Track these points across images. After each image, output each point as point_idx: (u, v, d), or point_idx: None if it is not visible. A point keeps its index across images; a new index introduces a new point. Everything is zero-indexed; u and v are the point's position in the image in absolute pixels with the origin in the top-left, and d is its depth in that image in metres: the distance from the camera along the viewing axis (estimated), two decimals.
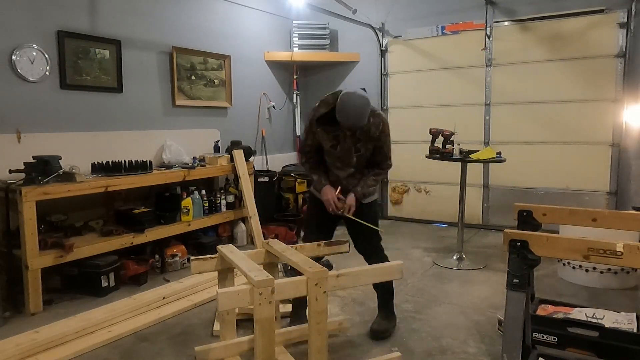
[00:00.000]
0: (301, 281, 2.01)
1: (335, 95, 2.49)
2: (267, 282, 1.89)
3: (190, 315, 3.03)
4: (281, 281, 1.99)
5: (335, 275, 2.08)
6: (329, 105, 2.50)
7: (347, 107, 2.37)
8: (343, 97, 2.39)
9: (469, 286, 3.55)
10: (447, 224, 5.46)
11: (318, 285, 1.99)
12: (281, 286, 1.96)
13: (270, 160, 5.74)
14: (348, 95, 2.39)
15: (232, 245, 2.51)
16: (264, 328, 1.90)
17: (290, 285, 2.01)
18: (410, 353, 2.53)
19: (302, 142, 2.70)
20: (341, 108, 2.38)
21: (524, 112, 5.07)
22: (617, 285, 3.43)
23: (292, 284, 2.01)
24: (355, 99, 2.37)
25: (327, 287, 2.02)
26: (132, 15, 4.15)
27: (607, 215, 2.43)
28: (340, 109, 2.39)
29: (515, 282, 2.00)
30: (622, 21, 4.50)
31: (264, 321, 1.89)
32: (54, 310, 3.08)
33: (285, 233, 4.70)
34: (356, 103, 2.37)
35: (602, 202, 4.74)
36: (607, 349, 2.19)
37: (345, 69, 6.08)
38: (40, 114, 3.53)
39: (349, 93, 2.40)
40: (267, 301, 1.88)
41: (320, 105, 2.55)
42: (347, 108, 2.37)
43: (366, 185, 2.64)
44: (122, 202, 3.96)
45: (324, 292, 2.01)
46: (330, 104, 2.49)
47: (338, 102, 2.41)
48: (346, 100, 2.38)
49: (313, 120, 2.58)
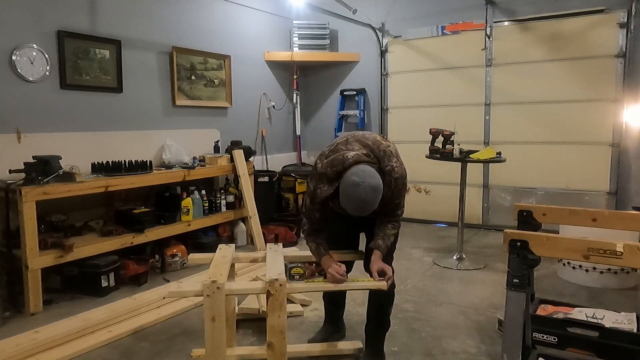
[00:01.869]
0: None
1: (337, 169, 2.01)
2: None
3: (190, 315, 3.03)
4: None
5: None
6: (331, 181, 2.05)
7: (354, 202, 1.92)
8: (348, 188, 1.91)
9: (469, 286, 3.55)
10: (447, 224, 5.46)
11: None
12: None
13: (270, 160, 5.74)
14: (355, 186, 1.89)
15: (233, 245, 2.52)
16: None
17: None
18: (410, 353, 2.53)
19: (309, 207, 2.19)
20: (346, 201, 1.94)
21: (524, 112, 5.07)
22: (617, 285, 3.43)
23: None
24: (365, 192, 1.88)
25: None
26: (132, 15, 4.15)
27: (607, 215, 2.43)
28: (345, 202, 1.94)
29: (515, 282, 2.00)
30: (622, 21, 4.50)
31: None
32: (54, 310, 3.08)
33: (285, 233, 4.70)
34: (366, 197, 1.88)
35: (602, 202, 4.74)
36: (607, 349, 2.19)
37: (345, 69, 6.09)
38: (40, 114, 3.53)
39: (356, 184, 1.88)
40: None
41: (321, 179, 2.08)
42: (354, 203, 1.92)
43: (386, 236, 2.19)
44: (122, 202, 3.96)
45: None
46: (332, 180, 2.04)
47: (342, 189, 1.95)
48: (352, 195, 1.90)
49: (317, 198, 2.11)
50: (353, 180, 1.90)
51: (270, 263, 2.25)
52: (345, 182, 1.94)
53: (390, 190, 2.08)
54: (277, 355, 2.01)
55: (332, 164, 2.05)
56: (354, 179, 1.90)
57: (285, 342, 2.03)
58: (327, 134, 6.18)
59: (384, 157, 2.08)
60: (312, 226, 2.22)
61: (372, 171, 1.96)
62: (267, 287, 1.98)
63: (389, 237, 2.20)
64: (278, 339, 2.01)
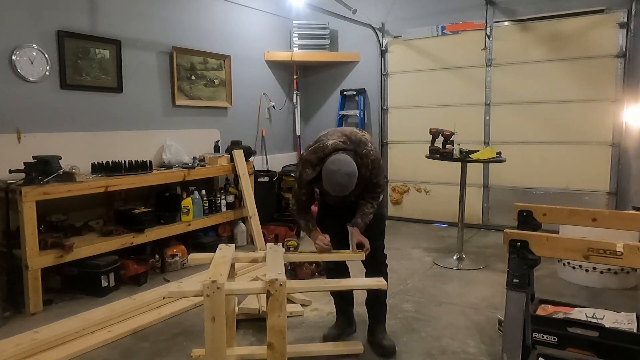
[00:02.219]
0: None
1: (318, 155, 2.34)
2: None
3: (190, 315, 3.03)
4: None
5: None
6: (313, 166, 2.36)
7: (332, 183, 2.24)
8: (327, 171, 2.25)
9: (469, 286, 3.55)
10: (447, 224, 5.45)
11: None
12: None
13: (270, 160, 5.75)
14: (332, 171, 2.23)
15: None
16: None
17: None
18: (410, 353, 2.53)
19: (297, 191, 2.51)
20: (326, 182, 2.27)
21: (524, 112, 5.07)
22: (617, 285, 3.43)
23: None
24: (340, 176, 2.21)
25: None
26: (132, 15, 4.15)
27: (607, 215, 2.43)
28: (326, 182, 2.27)
29: (515, 282, 2.00)
30: (622, 21, 4.50)
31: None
32: (54, 310, 3.08)
33: (285, 233, 4.70)
34: (341, 181, 2.21)
35: (602, 202, 4.74)
36: (607, 349, 2.19)
37: (345, 69, 6.08)
38: (40, 114, 3.53)
39: (333, 170, 2.23)
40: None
41: (305, 165, 2.39)
42: (332, 184, 2.24)
43: (365, 214, 2.48)
44: (122, 202, 3.96)
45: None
46: (314, 164, 2.36)
47: (323, 176, 2.27)
48: (330, 177, 2.24)
49: (302, 181, 2.43)
50: (331, 169, 2.25)
51: (270, 263, 2.25)
52: (325, 170, 2.28)
53: (369, 171, 2.38)
54: (277, 355, 2.01)
55: (314, 151, 2.38)
56: (331, 167, 2.25)
57: (285, 342, 2.03)
58: None
59: (360, 143, 2.39)
60: (300, 206, 2.56)
61: (348, 159, 2.27)
62: (267, 287, 1.98)
63: (367, 215, 2.49)
64: (278, 339, 2.01)
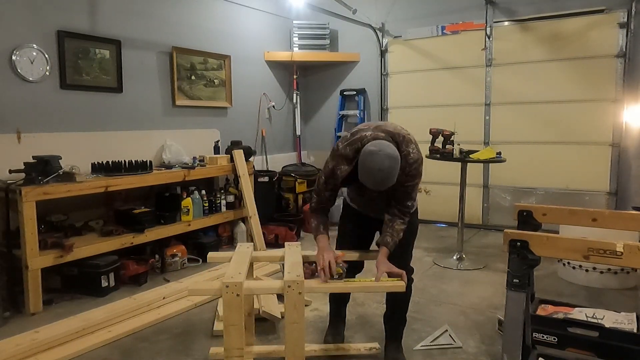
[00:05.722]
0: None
1: (355, 146, 2.08)
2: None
3: (190, 315, 3.03)
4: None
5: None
6: (350, 161, 2.11)
7: (372, 171, 1.94)
8: (366, 158, 1.96)
9: (469, 286, 3.55)
10: (447, 224, 5.45)
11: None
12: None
13: (270, 160, 5.74)
14: (372, 155, 1.94)
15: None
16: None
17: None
18: (410, 353, 2.52)
19: (322, 186, 2.25)
20: (364, 172, 1.97)
21: (524, 112, 5.07)
22: (617, 285, 3.43)
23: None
24: (381, 160, 1.92)
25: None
26: (132, 15, 4.15)
27: (607, 215, 2.42)
28: (363, 173, 1.98)
29: (515, 282, 2.00)
30: (622, 21, 4.50)
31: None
32: (54, 310, 3.08)
33: (285, 233, 4.70)
34: (382, 166, 1.92)
35: (602, 202, 4.74)
36: (607, 349, 2.19)
37: (345, 69, 6.09)
38: (40, 114, 3.53)
39: (373, 152, 1.94)
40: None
41: (340, 160, 2.13)
42: (372, 173, 1.95)
43: (395, 231, 2.19)
44: (122, 202, 3.96)
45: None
46: (350, 159, 2.10)
47: (360, 161, 1.99)
48: (369, 164, 1.94)
49: (336, 178, 2.17)
50: (370, 150, 1.96)
51: (289, 262, 2.22)
52: (363, 154, 1.99)
53: (405, 174, 2.11)
54: (295, 354, 2.00)
55: (350, 143, 2.11)
56: (371, 148, 1.97)
57: (303, 341, 2.02)
58: (327, 134, 6.19)
59: (402, 142, 2.12)
60: (319, 204, 2.30)
61: (389, 144, 2.01)
62: (285, 286, 1.97)
63: (397, 233, 2.19)
64: (296, 338, 2.00)
